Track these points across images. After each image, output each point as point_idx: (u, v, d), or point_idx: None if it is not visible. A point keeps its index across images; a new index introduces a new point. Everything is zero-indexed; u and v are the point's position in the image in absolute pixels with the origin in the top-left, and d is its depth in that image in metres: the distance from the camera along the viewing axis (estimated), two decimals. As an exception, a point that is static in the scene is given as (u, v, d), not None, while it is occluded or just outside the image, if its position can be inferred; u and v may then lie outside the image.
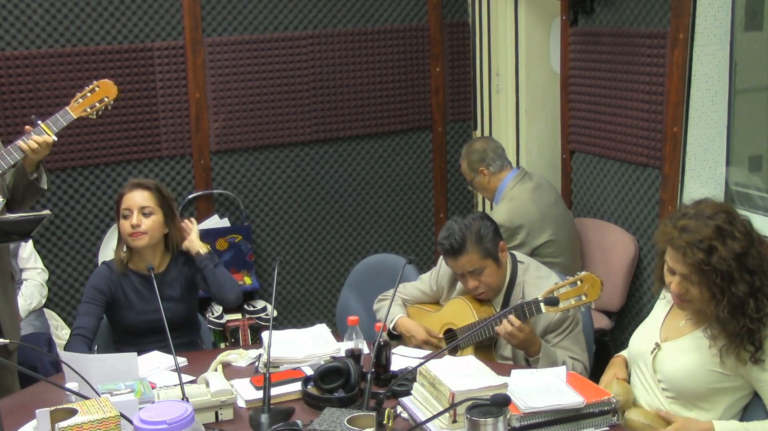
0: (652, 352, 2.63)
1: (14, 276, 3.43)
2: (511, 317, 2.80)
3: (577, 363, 2.99)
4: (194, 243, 3.24)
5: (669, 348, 2.60)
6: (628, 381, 2.72)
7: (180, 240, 3.26)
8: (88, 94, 3.22)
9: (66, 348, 3.15)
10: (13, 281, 3.39)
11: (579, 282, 2.65)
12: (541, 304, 2.72)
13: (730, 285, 2.41)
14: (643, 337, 2.72)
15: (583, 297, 2.65)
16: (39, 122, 3.11)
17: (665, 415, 2.54)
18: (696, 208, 2.51)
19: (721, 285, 2.41)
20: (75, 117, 3.19)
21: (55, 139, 3.12)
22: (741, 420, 2.53)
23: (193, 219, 3.37)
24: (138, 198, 3.17)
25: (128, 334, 3.17)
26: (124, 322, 3.22)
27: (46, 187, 3.24)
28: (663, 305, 2.74)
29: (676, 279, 2.51)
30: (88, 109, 3.21)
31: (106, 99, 3.24)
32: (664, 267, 2.57)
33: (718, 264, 2.40)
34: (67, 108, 3.18)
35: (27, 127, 3.12)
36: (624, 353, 2.85)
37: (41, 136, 3.07)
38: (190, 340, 3.29)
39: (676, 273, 2.50)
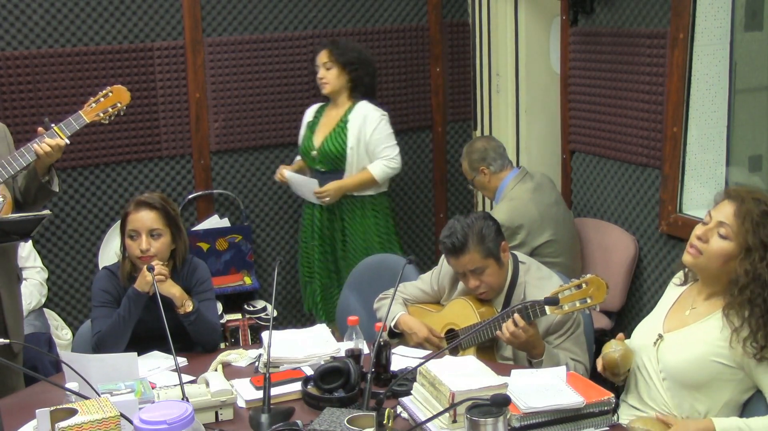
0: (655, 343, 2.63)
1: (20, 277, 3.43)
2: (516, 317, 2.79)
3: (578, 365, 2.99)
4: (178, 299, 3.04)
5: (672, 339, 2.60)
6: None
7: (184, 252, 3.22)
8: (102, 99, 3.21)
9: (98, 352, 3.08)
10: (19, 282, 3.40)
11: (584, 285, 2.63)
12: (545, 305, 2.71)
13: None
14: (646, 329, 2.72)
15: (588, 300, 2.63)
16: (52, 125, 3.11)
17: (664, 418, 2.54)
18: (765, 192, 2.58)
19: (766, 243, 2.43)
20: (88, 121, 3.19)
21: (68, 142, 3.12)
22: (741, 415, 2.53)
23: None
24: (146, 219, 3.08)
25: (129, 341, 3.15)
26: None
27: (57, 190, 3.24)
28: (670, 294, 2.74)
29: (705, 227, 2.53)
30: (101, 114, 3.21)
31: (118, 104, 3.24)
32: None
33: None
34: (80, 112, 3.18)
35: (40, 129, 3.12)
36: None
37: (54, 138, 3.08)
38: (190, 346, 3.27)
39: (710, 223, 2.52)
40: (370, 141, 4.28)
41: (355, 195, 4.36)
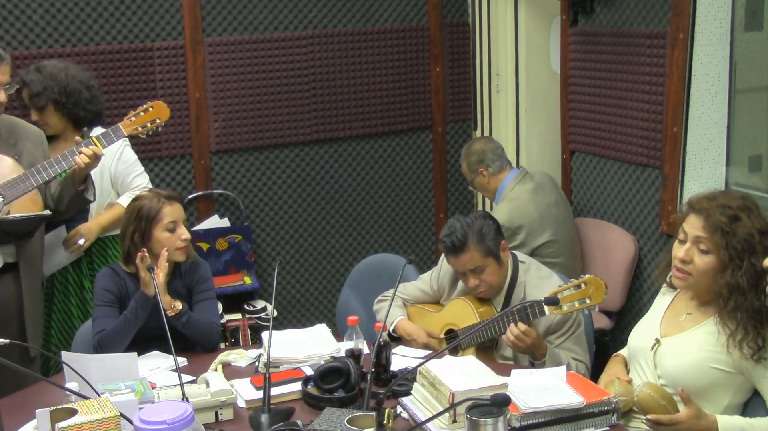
0: (652, 348, 2.63)
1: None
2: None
3: (580, 365, 2.99)
4: (166, 303, 3.00)
5: (669, 344, 2.60)
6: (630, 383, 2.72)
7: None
8: (142, 113, 3.23)
9: (100, 352, 3.07)
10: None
11: (583, 285, 2.64)
12: (544, 305, 2.71)
13: (750, 255, 2.43)
14: (642, 333, 2.72)
15: (587, 301, 2.64)
16: (90, 135, 3.12)
17: (686, 396, 2.46)
18: (726, 191, 2.57)
19: (741, 252, 2.43)
20: (126, 134, 3.21)
21: (104, 153, 3.15)
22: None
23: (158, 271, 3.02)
24: (179, 210, 3.12)
25: (129, 341, 3.15)
26: None
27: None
28: (663, 299, 2.74)
29: (684, 247, 2.52)
30: (140, 128, 3.22)
31: (158, 120, 3.25)
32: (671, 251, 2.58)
33: (740, 232, 2.44)
34: (119, 125, 3.21)
35: (77, 138, 3.14)
36: (623, 352, 2.85)
37: (91, 147, 3.10)
38: (190, 346, 3.27)
39: (687, 240, 2.51)
40: (116, 173, 3.72)
41: (104, 236, 3.73)
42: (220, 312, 4.42)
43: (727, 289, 2.45)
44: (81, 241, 3.60)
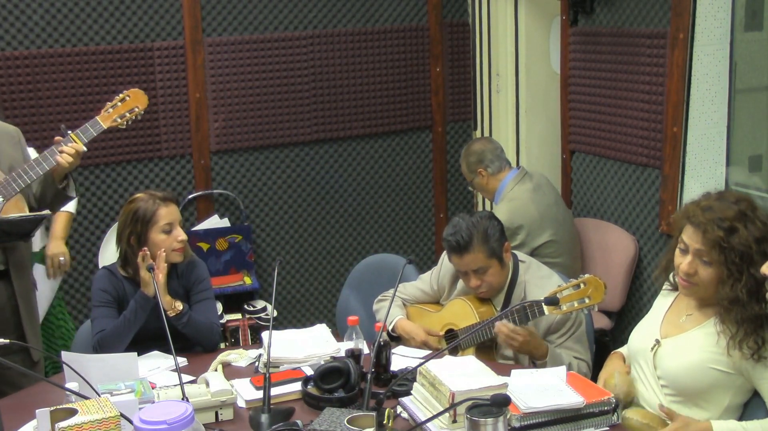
0: (652, 349, 2.63)
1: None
2: (504, 322, 2.81)
3: (582, 364, 3.00)
4: (167, 303, 3.01)
5: (669, 345, 2.60)
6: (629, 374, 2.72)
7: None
8: (119, 104, 3.14)
9: (100, 352, 3.05)
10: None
11: (582, 285, 2.64)
12: (544, 305, 2.71)
13: (749, 266, 2.43)
14: (642, 333, 2.72)
15: (587, 300, 2.64)
16: (69, 132, 3.08)
17: (668, 412, 2.52)
18: (720, 195, 2.57)
19: (740, 265, 2.43)
20: (105, 127, 3.12)
21: (85, 149, 3.08)
22: (741, 418, 2.53)
23: (160, 270, 3.02)
24: (175, 212, 3.12)
25: (130, 341, 3.15)
26: None
27: (75, 195, 3.21)
28: (663, 300, 2.74)
29: (687, 259, 2.52)
30: (118, 119, 3.14)
31: (136, 109, 3.16)
32: (674, 252, 2.57)
33: (738, 245, 2.43)
34: (97, 118, 3.13)
35: (57, 137, 3.10)
36: (622, 350, 2.85)
37: (73, 145, 3.05)
38: (190, 346, 3.27)
39: (689, 251, 2.51)
40: None
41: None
42: (219, 312, 4.44)
43: (728, 301, 2.46)
44: (62, 259, 3.75)
